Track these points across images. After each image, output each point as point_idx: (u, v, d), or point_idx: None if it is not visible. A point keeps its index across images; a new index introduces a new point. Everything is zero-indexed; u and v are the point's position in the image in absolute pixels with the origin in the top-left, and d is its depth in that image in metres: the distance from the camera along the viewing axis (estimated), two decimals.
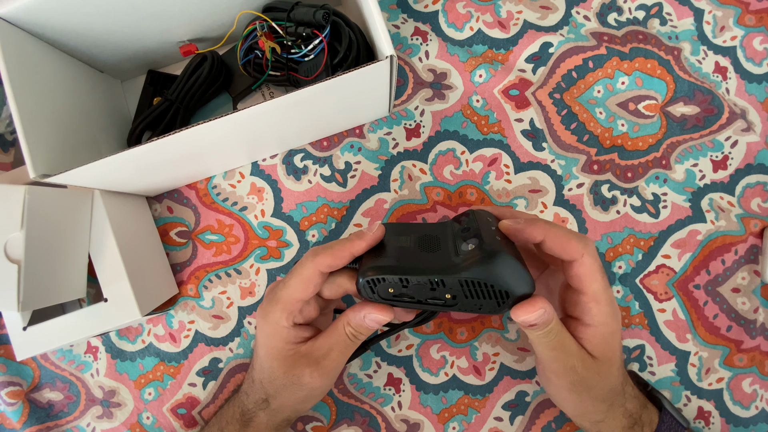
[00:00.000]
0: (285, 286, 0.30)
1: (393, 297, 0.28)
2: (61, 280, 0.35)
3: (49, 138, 0.33)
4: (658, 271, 0.41)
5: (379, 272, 0.27)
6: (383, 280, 0.27)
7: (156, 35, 0.39)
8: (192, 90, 0.39)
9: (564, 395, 0.32)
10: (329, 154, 0.43)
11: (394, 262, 0.28)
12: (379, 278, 0.27)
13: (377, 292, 0.28)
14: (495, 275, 0.26)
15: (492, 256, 0.26)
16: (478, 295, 0.27)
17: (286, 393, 0.32)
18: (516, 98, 0.42)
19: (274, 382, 0.32)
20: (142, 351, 0.42)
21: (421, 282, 0.27)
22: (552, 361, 0.30)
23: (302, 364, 0.31)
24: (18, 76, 0.31)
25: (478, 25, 0.43)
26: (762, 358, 0.40)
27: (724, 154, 0.41)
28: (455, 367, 0.41)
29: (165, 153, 0.33)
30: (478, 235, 0.28)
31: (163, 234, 0.43)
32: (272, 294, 0.31)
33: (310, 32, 0.36)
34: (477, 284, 0.26)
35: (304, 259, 0.29)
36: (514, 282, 0.26)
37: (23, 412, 0.42)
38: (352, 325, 0.30)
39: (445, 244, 0.29)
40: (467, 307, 0.27)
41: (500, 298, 0.27)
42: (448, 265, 0.27)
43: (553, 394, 0.34)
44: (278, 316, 0.30)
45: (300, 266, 0.29)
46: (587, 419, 0.33)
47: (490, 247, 0.27)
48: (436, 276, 0.26)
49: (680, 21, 0.42)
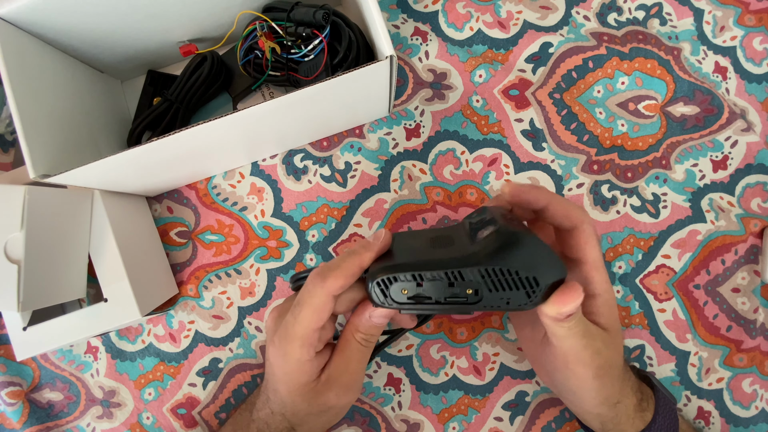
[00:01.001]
0: (298, 321, 0.28)
1: (408, 300, 0.25)
2: (61, 280, 0.35)
3: (49, 138, 0.33)
4: (658, 271, 0.41)
5: (389, 271, 0.24)
6: (395, 280, 0.24)
7: (156, 35, 0.39)
8: (192, 90, 0.39)
9: (588, 385, 0.29)
10: (329, 154, 0.43)
11: (406, 260, 0.25)
12: (390, 278, 0.24)
13: (390, 296, 0.25)
14: (520, 260, 0.23)
15: (514, 237, 0.23)
16: (504, 287, 0.23)
17: (312, 420, 0.31)
18: (516, 98, 0.42)
19: (299, 413, 0.31)
20: (142, 351, 0.42)
21: (437, 277, 0.24)
22: (582, 350, 0.27)
23: (325, 390, 0.30)
24: (18, 77, 0.31)
25: (478, 25, 0.43)
26: (762, 358, 0.40)
27: (724, 154, 0.41)
28: (455, 367, 0.41)
29: (165, 153, 0.33)
30: (494, 222, 0.24)
31: (163, 234, 0.43)
32: (284, 331, 0.29)
33: (310, 32, 0.36)
34: (501, 273, 0.23)
35: (312, 285, 0.27)
36: (543, 266, 0.23)
37: (23, 412, 0.42)
38: (362, 330, 0.29)
39: (460, 239, 0.26)
40: (492, 302, 0.24)
41: (529, 287, 0.23)
42: (466, 255, 0.24)
43: (574, 387, 0.30)
44: (299, 353, 0.28)
45: (309, 295, 0.27)
46: (607, 404, 0.31)
47: (508, 229, 0.23)
48: (453, 268, 0.23)
49: (680, 21, 0.42)
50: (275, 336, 0.30)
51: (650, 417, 0.32)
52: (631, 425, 0.32)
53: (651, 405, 0.33)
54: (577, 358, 0.28)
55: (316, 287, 0.27)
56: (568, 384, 0.31)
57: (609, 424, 0.32)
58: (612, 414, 0.31)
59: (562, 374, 0.30)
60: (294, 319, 0.28)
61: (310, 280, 0.28)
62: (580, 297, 0.24)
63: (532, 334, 0.34)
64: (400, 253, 0.27)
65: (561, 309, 0.24)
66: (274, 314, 0.32)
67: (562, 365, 0.29)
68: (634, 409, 0.32)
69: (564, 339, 0.27)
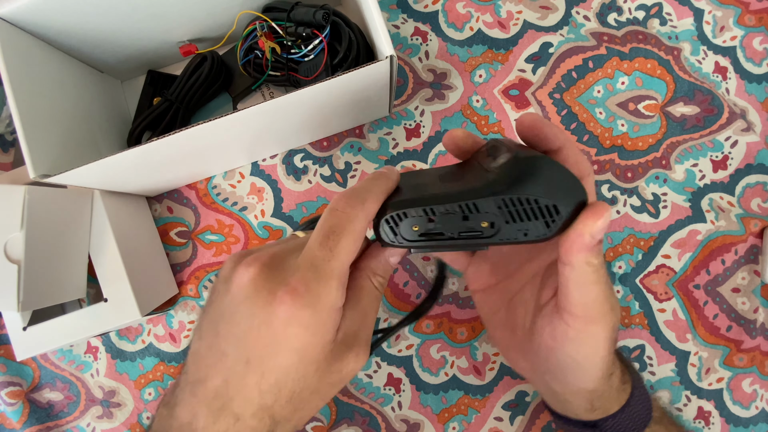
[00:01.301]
0: (336, 254, 0.22)
1: (419, 237, 0.23)
2: (61, 280, 0.35)
3: (49, 138, 0.33)
4: (658, 271, 0.41)
5: (399, 207, 0.22)
6: (405, 216, 0.22)
7: (156, 35, 0.39)
8: (192, 90, 0.39)
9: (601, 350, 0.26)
10: (329, 154, 0.43)
11: (416, 195, 0.23)
12: (400, 214, 0.22)
13: (400, 234, 0.23)
14: (539, 186, 0.21)
15: (531, 162, 0.21)
16: (521, 217, 0.21)
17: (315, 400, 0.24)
18: (516, 98, 0.42)
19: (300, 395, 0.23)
20: (142, 351, 0.42)
21: (450, 210, 0.22)
22: (605, 301, 0.24)
23: (345, 351, 0.24)
24: (18, 77, 0.31)
25: (478, 25, 0.43)
26: (762, 358, 0.40)
27: (724, 154, 0.41)
28: (455, 367, 0.41)
29: (165, 153, 0.33)
30: (510, 150, 0.23)
31: (163, 234, 0.43)
32: (314, 271, 0.22)
33: (310, 32, 0.36)
34: (519, 201, 0.21)
35: (351, 207, 0.22)
36: (563, 191, 0.21)
37: (23, 412, 0.42)
38: (380, 272, 0.25)
39: (471, 171, 0.24)
40: (509, 234, 0.22)
41: (549, 216, 0.21)
42: (480, 185, 0.22)
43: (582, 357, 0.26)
44: (335, 297, 0.22)
45: (348, 219, 0.22)
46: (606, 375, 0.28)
47: (525, 154, 0.22)
48: (467, 199, 0.21)
49: (680, 21, 0.42)
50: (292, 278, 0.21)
51: (629, 389, 0.30)
52: (616, 399, 0.29)
53: (627, 377, 0.31)
54: (599, 314, 0.24)
55: (356, 209, 0.22)
56: (577, 355, 0.26)
57: (598, 400, 0.29)
58: (605, 387, 0.28)
59: (573, 343, 0.26)
60: (329, 252, 0.22)
61: (344, 204, 0.22)
62: (609, 209, 0.21)
63: (510, 319, 0.30)
64: (408, 189, 0.25)
65: (594, 227, 0.21)
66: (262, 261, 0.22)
67: (575, 332, 0.25)
68: (620, 380, 0.30)
69: (592, 285, 0.23)
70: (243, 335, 0.22)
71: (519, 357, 0.31)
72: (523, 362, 0.31)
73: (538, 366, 0.30)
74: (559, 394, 0.30)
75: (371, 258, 0.25)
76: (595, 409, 0.29)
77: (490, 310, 0.32)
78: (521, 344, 0.30)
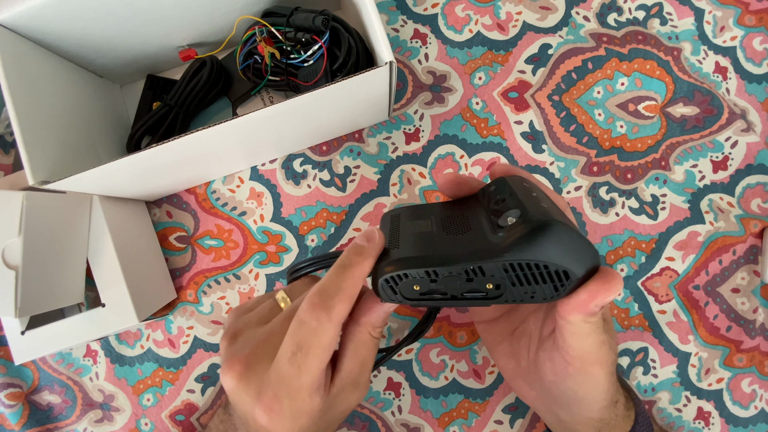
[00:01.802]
0: (304, 371, 0.22)
1: (420, 296, 0.22)
2: (59, 285, 0.34)
3: (48, 144, 0.32)
4: (662, 273, 0.41)
5: (399, 267, 0.22)
6: (406, 276, 0.22)
7: (155, 40, 0.39)
8: (191, 95, 0.39)
9: (602, 386, 0.27)
10: (328, 159, 0.42)
11: (417, 252, 0.22)
12: (400, 275, 0.22)
13: (400, 292, 0.22)
14: (550, 253, 0.20)
15: (543, 228, 0.20)
16: (529, 281, 0.21)
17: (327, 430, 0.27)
18: (515, 100, 0.42)
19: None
20: (141, 356, 0.42)
21: (454, 273, 0.21)
22: (600, 347, 0.25)
23: (341, 399, 0.25)
24: (17, 82, 0.31)
25: (477, 28, 0.43)
26: (761, 358, 0.40)
27: (724, 154, 0.41)
28: (455, 370, 0.41)
29: (164, 159, 0.33)
30: (519, 204, 0.22)
31: (163, 239, 0.43)
32: (283, 386, 0.23)
33: (310, 38, 0.36)
34: (527, 267, 0.20)
35: (316, 321, 0.22)
36: (575, 258, 0.20)
37: (23, 414, 0.42)
38: (379, 325, 0.26)
39: (476, 222, 0.23)
40: (515, 296, 0.22)
41: (558, 281, 0.21)
42: (487, 248, 0.21)
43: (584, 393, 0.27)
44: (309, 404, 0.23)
45: (314, 334, 0.22)
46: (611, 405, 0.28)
47: (537, 216, 0.21)
48: (473, 263, 0.21)
49: (680, 21, 0.42)
50: (264, 395, 0.23)
51: (633, 415, 0.31)
52: (622, 426, 0.30)
53: (631, 403, 0.31)
54: (597, 358, 0.25)
55: (322, 323, 0.22)
56: (579, 390, 0.27)
57: (605, 428, 0.30)
58: (612, 415, 0.29)
59: (573, 380, 0.27)
60: (297, 370, 0.22)
61: (309, 316, 0.22)
62: (621, 284, 0.21)
63: (514, 349, 0.31)
64: (408, 240, 0.24)
65: (604, 299, 0.21)
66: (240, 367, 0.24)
67: (575, 371, 0.26)
68: (625, 407, 0.30)
69: (587, 336, 0.24)
70: (245, 422, 0.26)
71: (525, 386, 0.32)
72: (529, 391, 0.31)
73: (544, 396, 0.30)
74: (567, 423, 0.31)
75: (369, 313, 0.25)
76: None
77: (494, 341, 0.33)
78: (526, 374, 0.30)
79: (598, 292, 0.21)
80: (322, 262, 0.27)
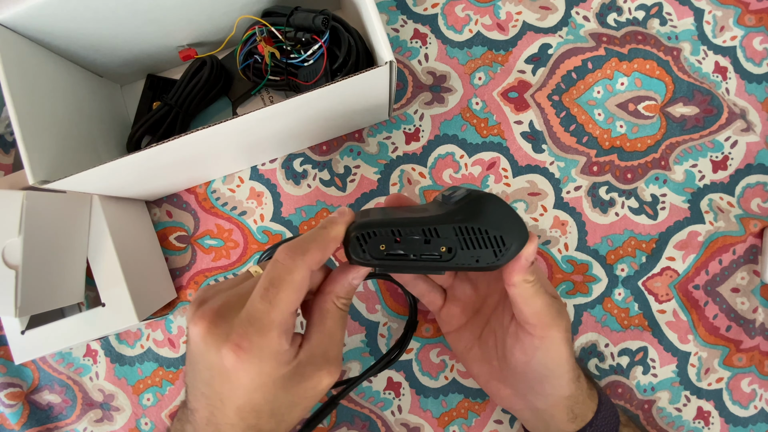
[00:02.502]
0: (275, 305, 0.23)
1: (385, 256, 0.26)
2: (59, 285, 0.35)
3: (48, 144, 0.33)
4: (662, 273, 0.41)
5: (370, 226, 0.25)
6: (374, 234, 0.25)
7: (155, 40, 0.39)
8: (191, 94, 0.39)
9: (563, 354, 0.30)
10: (328, 159, 0.42)
11: (384, 217, 0.26)
12: (370, 233, 0.25)
13: (368, 251, 0.26)
14: (490, 219, 0.25)
15: (484, 199, 0.26)
16: (474, 245, 0.25)
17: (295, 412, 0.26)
18: (515, 100, 0.42)
19: (279, 409, 0.25)
20: (141, 356, 0.42)
21: (414, 232, 0.25)
22: (549, 308, 0.28)
23: (313, 371, 0.25)
24: (17, 82, 0.31)
25: (477, 28, 0.43)
26: (761, 358, 0.40)
27: (724, 154, 0.41)
28: (455, 370, 0.41)
29: (164, 158, 0.33)
30: (466, 189, 0.27)
31: (163, 238, 0.43)
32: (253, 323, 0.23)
33: (310, 37, 0.36)
34: (473, 230, 0.25)
35: (290, 260, 0.24)
36: (509, 226, 0.25)
37: (23, 414, 0.42)
38: (343, 294, 0.27)
39: (433, 206, 0.28)
40: (464, 260, 0.26)
41: (497, 246, 0.25)
42: (441, 214, 0.26)
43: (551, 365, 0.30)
44: (278, 344, 0.24)
45: (287, 271, 0.24)
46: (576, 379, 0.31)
47: (479, 193, 0.26)
48: (429, 225, 0.25)
49: (680, 21, 0.42)
50: (233, 334, 0.23)
51: (597, 396, 0.32)
52: (590, 405, 0.31)
53: (591, 382, 0.33)
54: (551, 319, 0.28)
55: (296, 261, 0.24)
56: (548, 361, 0.30)
57: (576, 407, 0.31)
58: (578, 391, 0.31)
59: (540, 351, 0.29)
60: (269, 305, 0.23)
61: (285, 255, 0.24)
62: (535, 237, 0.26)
63: (484, 352, 0.34)
64: (376, 213, 0.28)
65: (527, 249, 0.26)
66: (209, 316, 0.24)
67: (539, 340, 0.29)
68: (587, 384, 0.32)
69: (533, 298, 0.28)
70: (209, 381, 0.25)
71: (500, 385, 0.34)
72: (504, 389, 0.33)
73: (519, 387, 0.32)
74: (542, 412, 0.32)
75: (334, 282, 0.27)
76: (576, 417, 0.31)
77: (464, 348, 0.35)
78: (500, 373, 0.33)
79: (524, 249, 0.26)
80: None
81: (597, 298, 0.41)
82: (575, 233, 0.41)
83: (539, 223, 0.41)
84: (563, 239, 0.41)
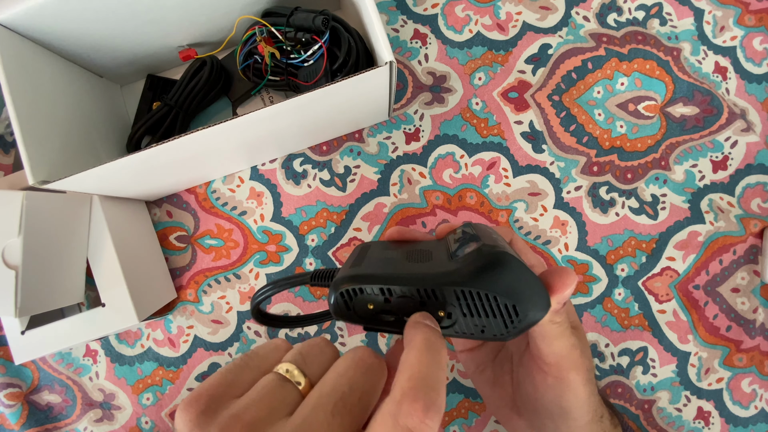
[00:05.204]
0: None
1: (373, 316, 0.22)
2: (59, 285, 0.34)
3: (48, 144, 0.32)
4: (663, 273, 0.41)
5: (356, 282, 0.21)
6: (361, 292, 0.21)
7: (155, 40, 0.39)
8: (191, 94, 0.39)
9: (582, 394, 0.26)
10: (329, 159, 0.42)
11: (375, 271, 0.22)
12: (355, 289, 0.21)
13: (353, 309, 0.21)
14: (501, 285, 0.20)
15: (496, 258, 0.20)
16: (479, 312, 0.20)
17: None
18: (515, 101, 0.42)
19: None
20: (141, 355, 0.42)
21: (408, 293, 0.21)
22: (572, 350, 0.25)
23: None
24: (17, 82, 0.31)
25: (477, 28, 0.43)
26: (761, 358, 0.40)
27: (724, 154, 0.41)
28: (455, 370, 0.41)
29: (164, 159, 0.33)
30: (477, 239, 0.22)
31: (163, 238, 0.43)
32: None
33: (310, 38, 0.36)
34: (478, 296, 0.20)
35: (428, 429, 0.16)
36: (526, 295, 0.20)
37: (22, 414, 0.42)
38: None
39: (438, 254, 0.23)
40: (466, 328, 0.21)
41: (508, 317, 0.20)
42: (441, 273, 0.21)
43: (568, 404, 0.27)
44: None
45: None
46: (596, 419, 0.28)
47: (492, 249, 0.21)
48: (427, 285, 0.20)
49: (680, 21, 0.42)
50: None
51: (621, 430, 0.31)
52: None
53: (615, 418, 0.31)
54: (571, 362, 0.25)
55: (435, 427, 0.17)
56: (561, 401, 0.27)
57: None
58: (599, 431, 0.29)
59: (553, 390, 0.26)
60: None
61: (416, 421, 0.16)
62: (575, 276, 0.21)
63: (498, 376, 0.31)
64: (370, 262, 0.23)
65: (562, 295, 0.21)
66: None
67: (553, 380, 0.26)
68: (611, 423, 0.30)
69: (556, 340, 0.24)
70: None
71: (512, 414, 0.31)
72: (517, 420, 0.31)
73: (533, 420, 0.30)
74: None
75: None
76: None
77: (477, 369, 0.33)
78: (513, 400, 0.30)
79: (557, 290, 0.21)
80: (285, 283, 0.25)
81: (597, 298, 0.41)
82: (575, 233, 0.41)
83: (539, 223, 0.41)
84: (563, 239, 0.41)
